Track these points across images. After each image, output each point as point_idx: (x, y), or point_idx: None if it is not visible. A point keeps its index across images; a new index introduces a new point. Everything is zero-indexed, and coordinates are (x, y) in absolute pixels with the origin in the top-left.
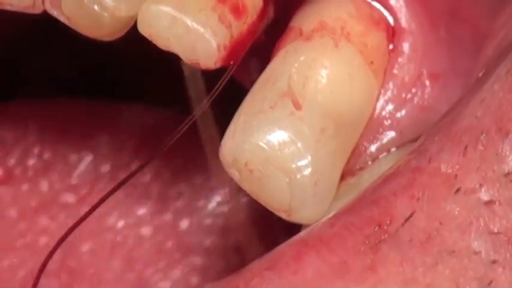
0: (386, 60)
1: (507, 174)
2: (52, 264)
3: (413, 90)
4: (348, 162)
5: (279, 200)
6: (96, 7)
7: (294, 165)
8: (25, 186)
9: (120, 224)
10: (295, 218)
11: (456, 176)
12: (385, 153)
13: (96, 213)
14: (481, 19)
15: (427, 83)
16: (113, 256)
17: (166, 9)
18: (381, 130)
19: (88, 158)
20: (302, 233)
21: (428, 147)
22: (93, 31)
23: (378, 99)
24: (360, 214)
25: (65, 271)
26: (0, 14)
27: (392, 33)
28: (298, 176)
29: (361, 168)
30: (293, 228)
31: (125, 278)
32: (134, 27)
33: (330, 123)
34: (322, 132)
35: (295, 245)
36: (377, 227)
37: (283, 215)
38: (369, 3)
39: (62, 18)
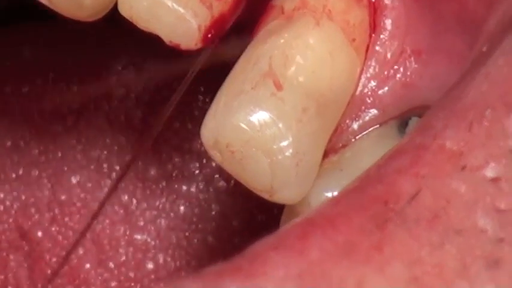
0: (369, 36)
1: None
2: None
3: (396, 67)
4: (330, 140)
5: (260, 181)
6: None
7: (275, 146)
8: None
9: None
10: (277, 198)
11: (462, 152)
12: (367, 131)
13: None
14: None
15: (410, 59)
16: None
17: None
18: (363, 108)
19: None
20: (307, 213)
21: (433, 123)
22: (73, 12)
23: (360, 77)
24: (365, 192)
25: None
26: None
27: (375, 10)
28: (280, 157)
29: (344, 146)
30: None
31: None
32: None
33: (311, 102)
34: (303, 112)
35: (301, 224)
36: (383, 205)
37: (266, 196)
38: None
39: (43, 1)
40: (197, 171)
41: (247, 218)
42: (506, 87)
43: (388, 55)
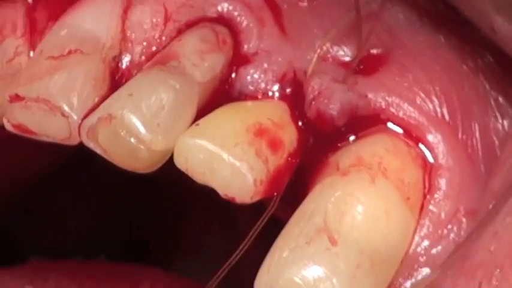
0: (423, 196)
1: None
2: None
3: (449, 226)
4: None
5: None
6: (132, 140)
7: None
8: None
9: None
10: None
11: None
12: None
13: None
14: None
15: (464, 219)
16: None
17: (202, 143)
18: (416, 266)
19: None
20: None
21: (441, 282)
22: (129, 164)
23: (414, 236)
24: None
25: None
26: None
27: (430, 169)
28: None
29: None
30: None
31: None
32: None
33: (365, 259)
34: (357, 268)
35: None
36: None
37: None
38: (407, 140)
39: (98, 150)
40: None
41: None
42: None
43: (442, 215)
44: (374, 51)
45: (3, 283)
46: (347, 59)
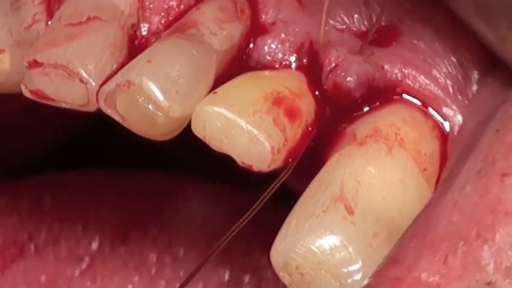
0: (439, 167)
1: (489, 284)
2: None
3: None
4: None
5: None
6: (150, 107)
7: (345, 270)
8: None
9: None
10: None
11: (439, 284)
12: None
13: None
14: None
15: None
16: None
17: (220, 110)
18: None
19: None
20: None
21: (404, 255)
22: (147, 131)
23: None
24: None
25: None
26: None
27: (447, 140)
28: (349, 281)
29: None
30: None
31: None
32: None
33: (382, 228)
34: (374, 238)
35: None
36: None
37: None
38: (424, 111)
39: (116, 117)
40: None
41: None
42: (477, 218)
43: None
44: (390, 21)
45: (21, 191)
46: (363, 29)
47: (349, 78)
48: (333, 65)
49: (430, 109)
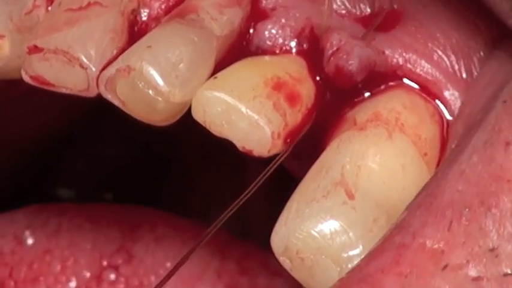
0: (439, 152)
1: (492, 250)
2: None
3: None
4: None
5: None
6: (151, 92)
7: (345, 255)
8: None
9: None
10: None
11: (443, 251)
12: None
13: None
14: None
15: None
16: None
17: (220, 95)
18: None
19: None
20: None
21: (410, 222)
22: (147, 116)
23: None
24: None
25: None
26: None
27: (447, 126)
28: (350, 266)
29: None
30: None
31: None
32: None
33: (382, 213)
34: (374, 222)
35: None
36: None
37: None
38: (424, 96)
39: (116, 102)
40: None
41: None
42: (482, 186)
43: None
44: (391, 6)
45: (1, 228)
46: (364, 14)
47: (351, 62)
48: (335, 48)
49: (430, 94)
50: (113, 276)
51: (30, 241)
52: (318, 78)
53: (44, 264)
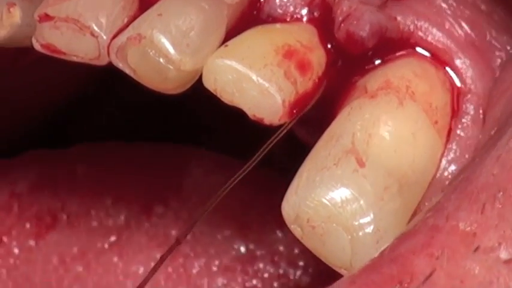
0: (450, 120)
1: None
2: None
3: None
4: (409, 221)
5: (340, 257)
6: (161, 60)
7: (356, 223)
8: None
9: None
10: None
11: (475, 234)
12: None
13: None
14: None
15: None
16: None
17: (231, 63)
18: (442, 191)
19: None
20: None
21: (444, 205)
22: (158, 84)
23: (441, 160)
24: (380, 272)
25: None
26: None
27: (458, 94)
28: (361, 234)
29: None
30: None
31: None
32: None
33: (393, 181)
34: (385, 190)
35: None
36: (398, 285)
37: (344, 272)
38: (435, 63)
39: (127, 70)
40: None
41: None
42: None
43: (470, 139)
44: None
45: (52, 164)
46: None
47: (361, 27)
48: (346, 14)
49: (441, 62)
50: (161, 209)
51: (82, 175)
52: (329, 46)
53: (95, 198)
